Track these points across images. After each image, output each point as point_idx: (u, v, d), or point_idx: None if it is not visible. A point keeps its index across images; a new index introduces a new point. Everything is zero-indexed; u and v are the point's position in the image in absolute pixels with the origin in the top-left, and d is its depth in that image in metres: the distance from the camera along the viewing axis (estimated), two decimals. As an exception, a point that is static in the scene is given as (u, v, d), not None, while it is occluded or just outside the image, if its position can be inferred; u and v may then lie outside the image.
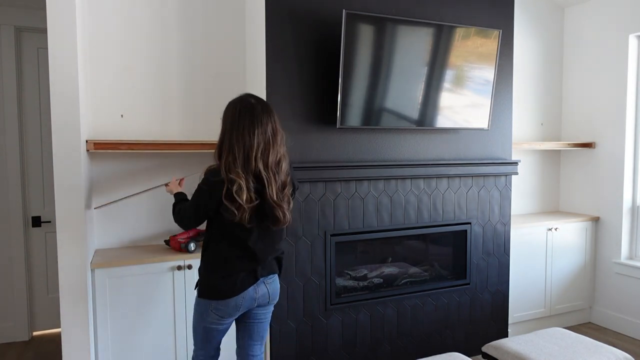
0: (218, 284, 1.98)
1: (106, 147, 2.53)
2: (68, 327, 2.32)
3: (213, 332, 2.06)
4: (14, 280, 3.51)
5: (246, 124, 1.93)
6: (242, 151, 1.91)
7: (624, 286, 3.78)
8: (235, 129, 1.94)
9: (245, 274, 2.01)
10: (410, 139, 3.05)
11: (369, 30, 2.71)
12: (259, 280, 2.05)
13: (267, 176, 1.92)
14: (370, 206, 2.95)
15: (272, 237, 2.07)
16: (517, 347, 2.36)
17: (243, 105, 1.97)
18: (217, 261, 2.00)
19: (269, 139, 1.95)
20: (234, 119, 1.96)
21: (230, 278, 1.98)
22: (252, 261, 2.01)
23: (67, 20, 2.24)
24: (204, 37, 2.99)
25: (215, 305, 1.99)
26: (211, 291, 2.00)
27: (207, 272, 2.02)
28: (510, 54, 3.32)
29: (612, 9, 3.82)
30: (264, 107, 2.00)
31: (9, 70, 3.44)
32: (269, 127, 1.96)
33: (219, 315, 2.01)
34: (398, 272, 3.24)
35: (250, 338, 2.18)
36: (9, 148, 3.47)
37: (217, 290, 1.98)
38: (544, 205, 4.24)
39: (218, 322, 2.03)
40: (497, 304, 3.41)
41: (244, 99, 2.01)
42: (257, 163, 1.91)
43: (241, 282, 2.00)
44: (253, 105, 1.97)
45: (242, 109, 1.96)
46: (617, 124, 3.82)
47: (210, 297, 2.00)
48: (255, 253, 2.00)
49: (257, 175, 1.92)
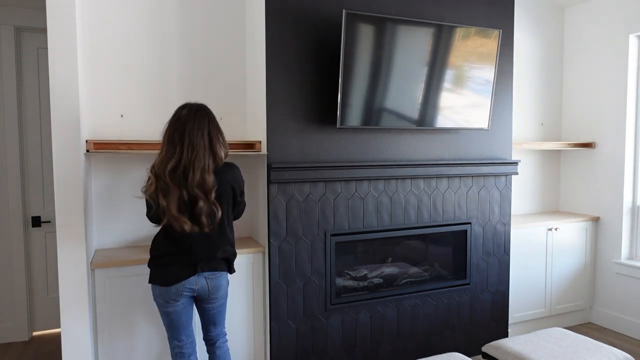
0: (155, 273, 2.17)
1: (106, 147, 2.53)
2: (68, 327, 2.32)
3: (170, 315, 2.20)
4: (14, 280, 3.51)
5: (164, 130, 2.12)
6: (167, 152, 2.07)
7: (624, 286, 3.78)
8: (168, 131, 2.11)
9: (181, 266, 2.14)
10: (410, 139, 3.05)
11: (369, 30, 2.71)
12: (199, 274, 2.17)
13: (165, 184, 2.02)
14: (370, 206, 2.95)
15: (218, 236, 2.18)
16: (517, 347, 2.36)
17: (185, 109, 2.14)
18: (158, 253, 2.16)
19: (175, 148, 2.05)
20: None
21: (168, 269, 2.13)
22: (188, 255, 2.14)
23: (67, 20, 2.24)
24: (204, 37, 2.99)
25: (159, 291, 2.16)
26: (153, 278, 2.18)
27: (152, 262, 2.19)
28: (510, 54, 3.32)
29: (612, 9, 3.82)
30: (188, 116, 2.09)
31: (9, 70, 3.44)
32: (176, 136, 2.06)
33: (164, 299, 2.17)
34: (398, 272, 3.24)
35: (204, 323, 2.35)
36: (9, 148, 3.47)
37: (157, 278, 2.16)
38: (544, 205, 4.24)
39: (166, 305, 2.18)
40: (497, 304, 3.41)
41: (180, 106, 2.17)
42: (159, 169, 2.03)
43: (175, 273, 2.13)
44: (179, 113, 2.12)
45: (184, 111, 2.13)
46: (617, 124, 3.82)
47: (153, 283, 2.18)
48: (191, 248, 2.13)
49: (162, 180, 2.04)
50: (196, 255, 2.14)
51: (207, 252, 2.16)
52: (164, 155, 2.03)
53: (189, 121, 2.05)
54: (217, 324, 2.34)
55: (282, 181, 2.68)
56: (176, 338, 2.24)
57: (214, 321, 2.33)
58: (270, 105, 2.68)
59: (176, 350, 2.25)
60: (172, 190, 1.99)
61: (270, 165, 2.64)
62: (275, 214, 2.71)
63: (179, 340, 2.25)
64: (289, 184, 2.72)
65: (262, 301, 2.81)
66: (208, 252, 2.17)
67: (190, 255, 2.14)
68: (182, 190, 2.00)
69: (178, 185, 2.00)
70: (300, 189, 2.75)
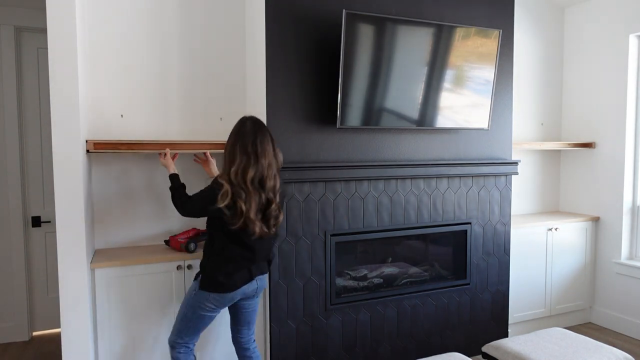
0: (222, 280, 2.20)
1: (106, 147, 2.53)
2: (68, 327, 2.32)
3: (205, 319, 2.28)
4: (14, 280, 3.51)
5: (231, 142, 2.19)
6: (228, 164, 2.16)
7: (624, 286, 3.78)
8: (227, 145, 2.21)
9: (243, 272, 2.25)
10: (410, 139, 3.05)
11: (369, 30, 2.71)
12: (255, 279, 2.31)
13: (246, 190, 2.12)
14: (370, 206, 2.95)
15: (268, 241, 2.32)
16: (517, 347, 2.36)
17: (236, 125, 2.24)
18: (222, 259, 2.21)
19: (250, 157, 2.15)
20: (229, 135, 2.23)
21: (232, 276, 2.22)
22: (249, 260, 2.25)
23: (67, 20, 2.24)
24: (204, 37, 2.99)
25: (215, 297, 2.22)
26: (215, 285, 2.21)
27: (211, 268, 2.23)
28: (510, 54, 3.32)
29: (612, 9, 3.82)
30: (253, 128, 2.20)
31: (9, 70, 3.44)
32: (250, 147, 2.16)
33: (215, 305, 2.24)
34: (398, 272, 3.24)
35: (238, 324, 2.44)
36: (9, 148, 3.47)
37: (220, 285, 2.21)
38: (544, 205, 4.24)
39: (213, 311, 2.26)
40: (497, 304, 3.41)
41: (242, 119, 2.26)
42: (237, 177, 2.12)
43: (240, 279, 2.24)
44: (244, 125, 2.22)
45: (234, 128, 2.23)
46: (617, 124, 3.82)
47: (213, 291, 2.21)
48: (255, 252, 2.24)
49: (241, 187, 2.12)
50: (255, 259, 2.26)
51: (263, 256, 2.31)
52: (240, 164, 2.13)
53: (257, 132, 2.18)
54: (251, 323, 2.45)
55: (283, 181, 2.67)
56: (191, 337, 2.30)
57: (249, 320, 2.44)
58: (270, 105, 2.68)
59: (184, 347, 2.30)
60: (252, 195, 2.12)
61: (270, 165, 2.64)
62: (275, 214, 2.71)
63: (192, 339, 2.32)
64: (289, 184, 2.72)
65: (262, 301, 2.81)
66: (264, 255, 2.32)
67: (250, 260, 2.24)
68: (260, 195, 2.16)
69: (257, 190, 2.14)
70: (300, 189, 2.75)
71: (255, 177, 2.13)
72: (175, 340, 2.30)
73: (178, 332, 2.30)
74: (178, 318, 2.31)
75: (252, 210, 2.12)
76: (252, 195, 2.12)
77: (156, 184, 2.89)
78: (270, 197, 2.19)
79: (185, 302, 2.29)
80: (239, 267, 2.22)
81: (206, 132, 3.00)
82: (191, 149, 2.71)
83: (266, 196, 2.17)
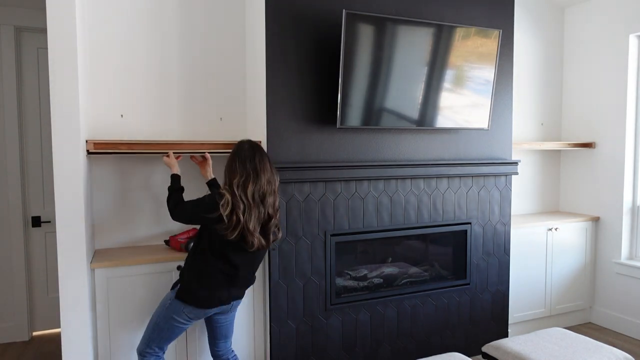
0: (199, 294, 2.21)
1: (106, 147, 2.53)
2: (68, 327, 2.31)
3: (177, 330, 2.27)
4: (14, 280, 3.51)
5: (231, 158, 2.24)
6: (228, 177, 2.20)
7: (624, 286, 3.78)
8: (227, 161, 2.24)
9: (221, 291, 2.24)
10: (410, 139, 3.05)
11: (369, 30, 2.71)
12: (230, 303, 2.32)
13: (248, 203, 2.16)
14: (370, 206, 2.95)
15: (253, 260, 2.32)
16: (517, 347, 2.36)
17: (235, 147, 2.30)
18: (203, 273, 2.22)
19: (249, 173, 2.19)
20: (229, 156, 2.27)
21: (210, 292, 2.22)
22: (230, 280, 2.25)
23: (67, 20, 2.24)
24: (204, 38, 2.99)
25: (189, 309, 2.22)
26: (191, 298, 2.21)
27: (190, 279, 2.23)
28: (510, 54, 3.32)
29: (612, 9, 3.82)
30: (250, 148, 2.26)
31: (9, 70, 3.44)
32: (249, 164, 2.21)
33: (189, 317, 2.24)
34: (398, 272, 3.24)
35: (214, 338, 2.43)
36: (9, 148, 3.47)
37: (196, 299, 2.21)
38: (544, 205, 4.24)
39: (185, 323, 2.26)
40: (497, 304, 3.41)
41: (240, 142, 2.33)
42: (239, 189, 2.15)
43: (217, 299, 2.24)
44: (241, 146, 2.28)
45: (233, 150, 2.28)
46: (617, 124, 3.82)
47: (189, 303, 2.21)
48: (238, 270, 2.25)
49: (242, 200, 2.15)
50: (237, 279, 2.27)
51: (245, 278, 2.32)
52: (240, 179, 2.17)
53: (256, 152, 2.25)
54: (228, 337, 2.44)
55: (282, 181, 2.68)
56: (160, 346, 2.29)
57: (226, 333, 2.42)
58: (270, 105, 2.68)
59: (154, 357, 2.29)
60: (252, 209, 2.16)
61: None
62: (275, 214, 2.71)
63: (161, 348, 2.30)
64: (289, 184, 2.72)
65: (262, 301, 2.81)
66: (246, 278, 2.33)
67: (230, 280, 2.25)
68: (260, 209, 2.19)
69: (257, 205, 2.18)
70: (300, 189, 2.75)
71: (255, 191, 2.18)
72: (144, 349, 2.28)
73: (148, 341, 2.28)
74: (149, 326, 2.30)
75: (251, 222, 2.15)
76: (252, 209, 2.16)
77: (156, 184, 2.89)
78: (270, 213, 2.23)
79: (158, 311, 2.28)
80: (218, 285, 2.22)
81: (206, 132, 3.00)
82: (191, 149, 2.71)
83: (266, 211, 2.22)
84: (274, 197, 2.26)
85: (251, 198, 2.16)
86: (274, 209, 2.26)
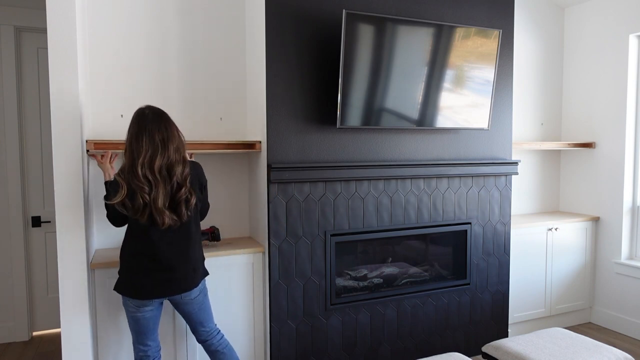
0: (126, 283, 2.16)
1: (106, 147, 2.53)
2: (68, 327, 2.32)
3: (140, 319, 2.19)
4: (14, 280, 3.51)
5: (134, 132, 2.10)
6: (130, 157, 2.08)
7: (624, 286, 3.78)
8: (128, 138, 2.12)
9: (146, 278, 2.14)
10: (410, 139, 3.05)
11: (369, 30, 2.71)
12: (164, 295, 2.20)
13: (154, 180, 2.05)
14: (370, 206, 2.95)
15: (174, 239, 2.17)
16: (517, 347, 2.36)
17: (135, 115, 2.15)
18: (125, 258, 2.17)
19: (157, 146, 2.07)
20: (129, 128, 2.14)
21: (136, 279, 2.14)
22: (153, 261, 2.13)
23: (67, 20, 2.24)
24: (204, 37, 2.99)
25: (132, 300, 2.17)
26: (121, 287, 2.18)
27: (120, 269, 2.20)
28: (510, 54, 3.32)
29: (612, 9, 3.82)
30: (155, 117, 2.13)
31: (9, 70, 3.44)
32: (157, 135, 2.08)
33: (137, 305, 2.17)
34: (398, 272, 3.24)
35: (190, 325, 2.36)
36: (9, 148, 3.47)
37: (125, 288, 2.17)
38: (544, 205, 4.24)
39: (137, 311, 2.18)
40: (497, 304, 3.41)
41: (139, 110, 2.17)
42: (144, 168, 2.04)
43: (144, 289, 2.14)
44: (144, 115, 2.13)
45: (134, 119, 2.14)
46: (617, 124, 3.82)
47: (121, 293, 2.18)
48: (156, 247, 2.12)
49: (147, 179, 2.05)
50: (160, 258, 2.14)
51: (174, 257, 2.16)
52: (146, 154, 2.05)
53: (161, 118, 2.13)
54: (205, 321, 2.33)
55: (282, 181, 2.68)
56: (142, 343, 2.23)
57: (200, 319, 2.32)
58: (270, 105, 2.68)
59: (141, 354, 2.24)
60: (160, 185, 2.06)
61: (270, 165, 2.64)
62: (275, 214, 2.71)
63: (145, 345, 2.24)
64: (289, 184, 2.72)
65: (262, 301, 2.81)
66: (176, 257, 2.17)
67: (155, 258, 2.13)
68: (166, 183, 2.08)
69: (164, 179, 2.08)
70: (300, 189, 2.75)
71: (162, 165, 2.07)
72: (134, 349, 2.26)
73: (132, 338, 2.26)
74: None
75: (160, 200, 2.05)
76: (159, 185, 2.05)
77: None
78: (179, 182, 2.11)
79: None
80: (140, 269, 2.12)
81: (206, 132, 3.00)
82: (191, 149, 2.71)
83: (175, 181, 2.10)
84: (183, 165, 2.13)
85: (158, 173, 2.05)
86: (182, 177, 2.12)
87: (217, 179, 3.03)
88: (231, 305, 2.73)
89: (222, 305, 2.70)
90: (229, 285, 2.71)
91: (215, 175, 3.03)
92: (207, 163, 2.99)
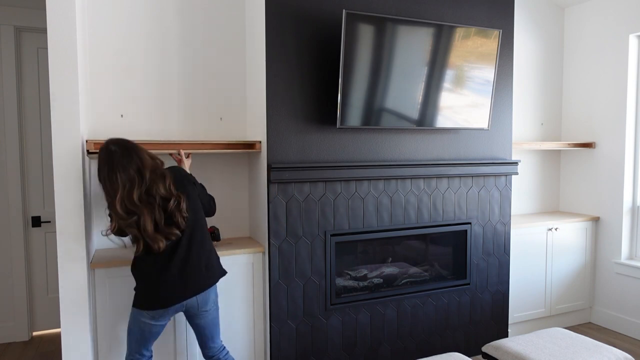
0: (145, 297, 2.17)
1: (106, 147, 2.52)
2: (68, 327, 2.31)
3: (149, 328, 2.20)
4: (14, 280, 3.51)
5: (107, 173, 2.07)
6: (107, 197, 2.08)
7: (624, 286, 3.78)
8: (101, 179, 2.09)
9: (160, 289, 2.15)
10: (410, 139, 3.05)
11: (369, 30, 2.71)
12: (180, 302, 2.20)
13: (137, 209, 2.03)
14: (370, 206, 2.95)
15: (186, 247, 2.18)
16: (517, 347, 2.36)
17: (103, 155, 2.10)
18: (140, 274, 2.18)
19: (134, 178, 2.05)
20: (99, 168, 2.11)
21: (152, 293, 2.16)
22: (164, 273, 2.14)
23: (67, 20, 2.24)
24: (204, 37, 2.99)
25: (146, 312, 2.17)
26: (139, 301, 2.18)
27: (137, 284, 2.21)
28: (510, 54, 3.32)
29: (612, 9, 3.82)
30: (124, 151, 2.09)
31: (9, 70, 3.44)
32: (131, 169, 2.06)
33: (153, 317, 2.18)
34: (398, 272, 3.24)
35: (199, 339, 2.36)
36: (9, 148, 3.47)
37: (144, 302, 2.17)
38: (544, 205, 4.24)
39: (154, 321, 2.19)
40: (497, 304, 3.41)
41: (105, 148, 2.12)
42: (123, 204, 2.02)
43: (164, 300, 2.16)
44: (112, 153, 2.09)
45: (102, 159, 2.10)
46: (617, 124, 3.82)
47: (139, 307, 2.18)
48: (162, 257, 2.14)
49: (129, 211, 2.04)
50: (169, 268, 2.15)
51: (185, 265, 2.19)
52: (124, 190, 2.03)
53: (130, 150, 2.10)
54: (214, 337, 2.35)
55: (282, 181, 2.68)
56: (139, 352, 2.23)
57: (210, 335, 2.33)
58: (270, 105, 2.68)
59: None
60: (144, 213, 2.04)
61: (270, 165, 2.64)
62: (275, 214, 2.71)
63: (141, 354, 2.24)
64: (289, 184, 2.72)
65: (262, 301, 2.81)
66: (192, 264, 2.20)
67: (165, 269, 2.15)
68: (150, 207, 2.06)
69: (147, 203, 2.06)
70: (300, 189, 2.75)
71: (141, 193, 2.04)
72: (128, 356, 2.25)
73: (128, 346, 2.25)
74: (127, 332, 2.27)
75: (148, 227, 2.04)
76: (144, 211, 2.04)
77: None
78: (164, 195, 2.09)
79: (129, 315, 2.26)
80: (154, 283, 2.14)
81: (206, 132, 3.00)
82: (191, 149, 2.71)
83: (159, 197, 2.08)
84: (164, 179, 2.10)
85: (138, 201, 2.03)
86: (166, 189, 2.09)
87: (217, 179, 3.03)
88: (231, 305, 2.73)
89: (222, 305, 2.69)
90: (229, 285, 2.71)
91: (215, 175, 3.03)
92: (207, 163, 2.99)
